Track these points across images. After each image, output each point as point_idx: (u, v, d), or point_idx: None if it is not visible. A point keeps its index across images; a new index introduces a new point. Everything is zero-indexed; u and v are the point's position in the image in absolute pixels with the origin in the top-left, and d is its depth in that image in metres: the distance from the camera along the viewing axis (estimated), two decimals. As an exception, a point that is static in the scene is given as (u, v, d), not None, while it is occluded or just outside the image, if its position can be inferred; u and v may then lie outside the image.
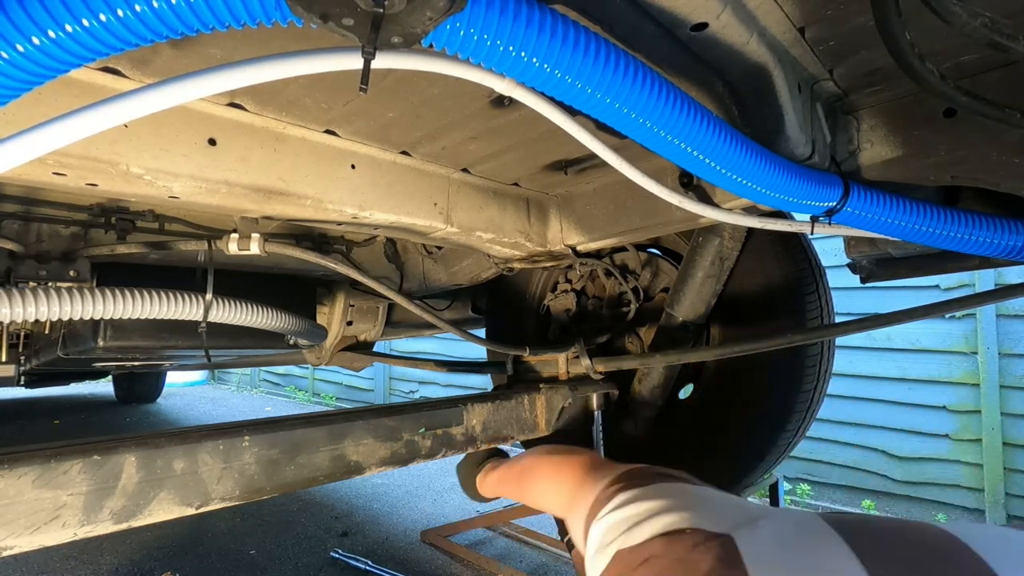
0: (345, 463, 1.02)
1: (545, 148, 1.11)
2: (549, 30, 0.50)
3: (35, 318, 0.97)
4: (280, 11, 0.43)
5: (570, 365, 1.61)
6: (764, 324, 1.58)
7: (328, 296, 1.95)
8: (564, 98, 0.57)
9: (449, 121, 0.97)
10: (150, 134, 0.82)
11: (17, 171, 0.76)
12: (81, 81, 0.75)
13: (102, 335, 1.38)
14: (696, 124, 0.64)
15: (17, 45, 0.40)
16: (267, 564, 2.70)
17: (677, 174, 1.08)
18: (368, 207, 1.06)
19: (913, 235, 0.93)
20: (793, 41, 0.78)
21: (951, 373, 3.56)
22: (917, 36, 0.59)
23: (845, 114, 0.96)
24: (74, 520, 0.74)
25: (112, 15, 0.40)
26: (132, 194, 0.88)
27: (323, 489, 3.80)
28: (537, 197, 1.39)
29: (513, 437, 1.33)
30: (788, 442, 1.68)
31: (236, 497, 0.89)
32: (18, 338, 1.71)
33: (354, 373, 5.73)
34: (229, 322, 1.26)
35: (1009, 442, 3.35)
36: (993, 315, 3.42)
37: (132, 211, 1.23)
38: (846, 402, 3.89)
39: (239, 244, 1.09)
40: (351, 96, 0.87)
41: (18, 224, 1.16)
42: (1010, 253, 0.93)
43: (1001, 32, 0.53)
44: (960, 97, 0.65)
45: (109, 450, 0.77)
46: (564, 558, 2.77)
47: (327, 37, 0.48)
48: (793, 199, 0.82)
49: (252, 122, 0.92)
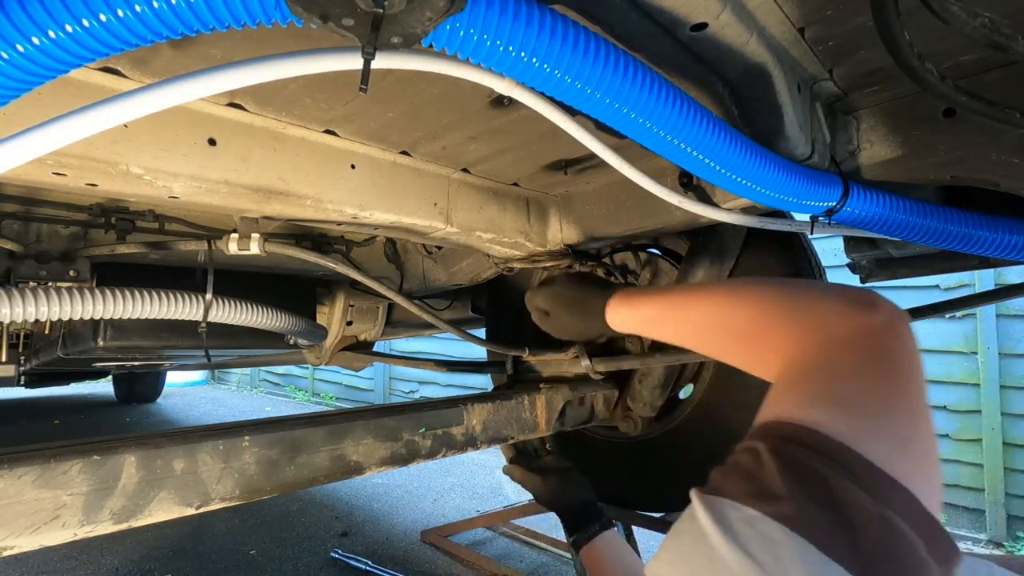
0: (345, 463, 1.02)
1: (545, 148, 1.11)
2: (549, 30, 0.50)
3: (35, 318, 0.97)
4: (280, 11, 0.43)
5: (570, 365, 1.61)
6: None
7: (328, 296, 1.95)
8: (564, 98, 0.57)
9: (449, 121, 0.97)
10: (150, 134, 0.82)
11: (17, 171, 0.76)
12: (81, 81, 0.75)
13: (102, 335, 1.38)
14: (696, 124, 0.64)
15: (17, 45, 0.40)
16: (267, 564, 2.70)
17: (677, 174, 1.08)
18: (368, 207, 1.06)
19: (913, 235, 0.93)
20: (793, 41, 0.78)
21: (951, 373, 3.56)
22: (916, 36, 0.59)
23: (845, 114, 0.96)
24: (74, 520, 0.74)
25: (112, 15, 0.40)
26: (132, 194, 0.88)
27: (323, 489, 3.80)
28: (537, 197, 1.39)
29: (513, 437, 1.33)
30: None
31: (236, 497, 0.89)
32: (18, 338, 1.71)
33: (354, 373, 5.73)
34: (229, 322, 1.26)
35: (1009, 442, 3.35)
36: (993, 315, 3.42)
37: (132, 211, 1.23)
38: (846, 402, 3.89)
39: (239, 244, 1.09)
40: (351, 96, 0.87)
41: (18, 224, 1.16)
42: (1010, 253, 0.93)
43: (1001, 32, 0.53)
44: (959, 97, 0.65)
45: (109, 450, 0.77)
46: (564, 558, 2.77)
47: (327, 37, 0.48)
48: (793, 199, 0.83)
49: (252, 122, 0.92)
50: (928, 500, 0.39)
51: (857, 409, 0.44)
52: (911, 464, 0.41)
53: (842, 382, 0.48)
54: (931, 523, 0.38)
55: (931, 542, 0.37)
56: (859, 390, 0.46)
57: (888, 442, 0.42)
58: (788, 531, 0.36)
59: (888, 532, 0.36)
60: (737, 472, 0.42)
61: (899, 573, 0.35)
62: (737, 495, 0.40)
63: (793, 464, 0.40)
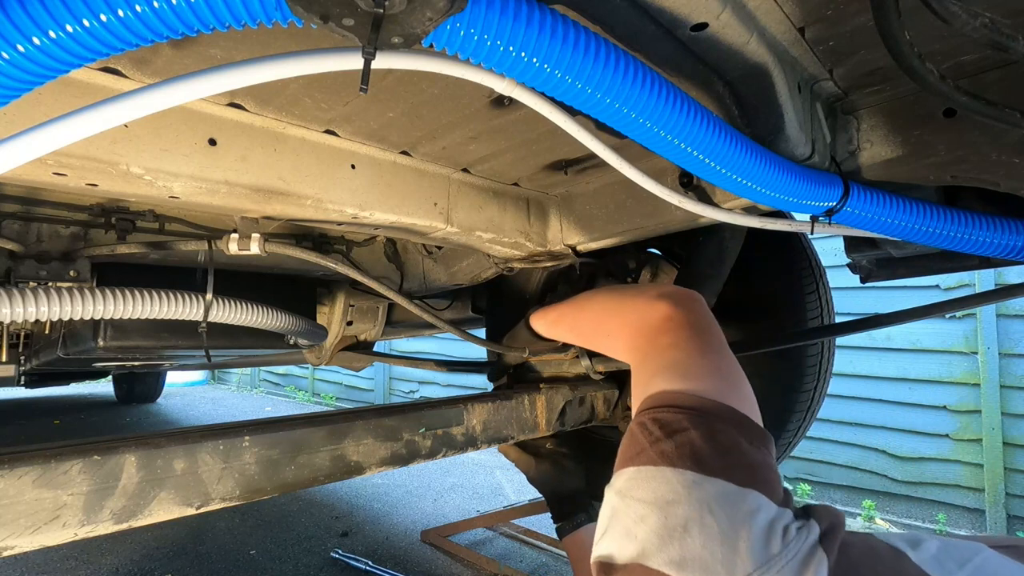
0: (345, 463, 1.02)
1: (545, 148, 1.11)
2: (549, 30, 0.50)
3: (35, 318, 0.97)
4: (280, 11, 0.43)
5: (570, 365, 1.61)
6: (764, 324, 1.58)
7: (328, 296, 1.95)
8: (564, 98, 0.57)
9: (449, 121, 0.97)
10: (150, 134, 0.82)
11: (17, 171, 0.76)
12: (81, 81, 0.75)
13: (102, 335, 1.38)
14: (696, 124, 0.64)
15: (17, 45, 0.40)
16: (267, 564, 2.70)
17: (677, 174, 1.08)
18: (368, 207, 1.06)
19: (913, 235, 0.93)
20: (793, 41, 0.78)
21: (951, 373, 3.56)
22: (917, 36, 0.59)
23: (845, 114, 0.96)
24: (74, 520, 0.74)
25: (112, 15, 0.40)
26: (132, 194, 0.88)
27: (323, 489, 3.80)
28: (537, 197, 1.39)
29: (514, 437, 1.33)
30: (788, 442, 1.68)
31: (236, 497, 0.89)
32: (18, 338, 1.71)
33: (354, 373, 5.73)
34: (229, 322, 1.26)
35: (1009, 442, 3.35)
36: (993, 315, 3.42)
37: (132, 211, 1.23)
38: (846, 402, 3.89)
39: (239, 244, 1.09)
40: (351, 96, 0.87)
41: (18, 224, 1.16)
42: (1010, 253, 0.93)
43: (1001, 32, 0.53)
44: (960, 97, 0.65)
45: (109, 450, 0.77)
46: (564, 558, 2.77)
47: (327, 37, 0.48)
48: (793, 199, 0.83)
49: (252, 122, 0.92)
50: (742, 407, 0.57)
51: (680, 366, 0.63)
52: (724, 385, 0.59)
53: (664, 354, 0.67)
54: (746, 422, 0.55)
55: (748, 435, 0.54)
56: (676, 354, 0.66)
57: (703, 378, 0.60)
58: (654, 468, 0.51)
59: (717, 435, 0.52)
60: (622, 450, 0.59)
61: (730, 458, 0.50)
62: (620, 466, 0.56)
63: (652, 421, 0.57)
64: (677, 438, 0.52)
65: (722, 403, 0.56)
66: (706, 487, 0.47)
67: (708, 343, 0.68)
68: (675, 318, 0.72)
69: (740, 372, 0.64)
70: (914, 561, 0.48)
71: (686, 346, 0.67)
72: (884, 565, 0.48)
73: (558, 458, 1.38)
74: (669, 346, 0.68)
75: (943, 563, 0.48)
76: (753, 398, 0.61)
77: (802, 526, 0.46)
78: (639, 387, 0.65)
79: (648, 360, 0.68)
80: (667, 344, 0.69)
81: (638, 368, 0.69)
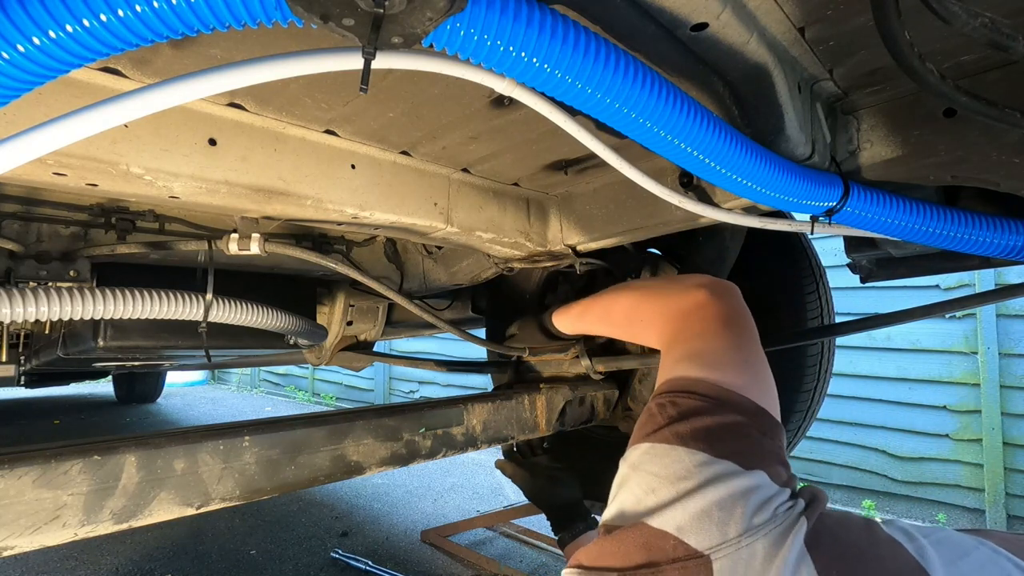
0: (345, 463, 1.02)
1: (545, 148, 1.11)
2: (549, 30, 0.50)
3: (35, 318, 0.97)
4: (280, 11, 0.43)
5: (570, 365, 1.61)
6: (764, 324, 1.57)
7: (328, 296, 1.95)
8: (564, 98, 0.57)
9: (449, 121, 0.97)
10: (150, 134, 0.82)
11: (17, 171, 0.76)
12: (81, 81, 0.75)
13: (102, 335, 1.38)
14: (696, 124, 0.64)
15: (17, 45, 0.40)
16: (267, 564, 2.70)
17: (677, 174, 1.08)
18: (368, 207, 1.06)
19: (913, 235, 0.93)
20: (793, 41, 0.78)
21: (951, 373, 3.56)
22: (917, 36, 0.59)
23: (845, 114, 0.96)
24: (74, 520, 0.74)
25: (112, 15, 0.40)
26: (132, 194, 0.88)
27: (323, 489, 3.80)
28: (537, 197, 1.39)
29: (514, 437, 1.33)
30: (788, 442, 1.68)
31: (236, 497, 0.89)
32: (18, 338, 1.71)
33: (354, 373, 5.73)
34: (229, 322, 1.26)
35: (1009, 442, 3.35)
36: (993, 315, 3.42)
37: (132, 211, 1.23)
38: (846, 402, 3.89)
39: (239, 244, 1.09)
40: (351, 96, 0.87)
41: (18, 224, 1.16)
42: (1010, 253, 0.93)
43: (1001, 32, 0.53)
44: (960, 97, 0.65)
45: (109, 450, 0.77)
46: (564, 559, 2.77)
47: (327, 37, 0.48)
48: (793, 199, 0.83)
49: (252, 122, 0.92)
50: (761, 399, 0.60)
51: (706, 355, 0.66)
52: (746, 377, 0.62)
53: (693, 341, 0.70)
54: (760, 413, 0.59)
55: (760, 426, 0.57)
56: (703, 342, 0.69)
57: (726, 369, 0.62)
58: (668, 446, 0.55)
59: (730, 423, 0.56)
60: (639, 425, 0.62)
61: (739, 444, 0.54)
62: (636, 441, 0.59)
63: (671, 403, 0.59)
64: (693, 421, 0.56)
65: (741, 395, 0.59)
66: (715, 467, 0.52)
67: (738, 335, 0.70)
68: (709, 307, 0.75)
69: (764, 365, 0.66)
70: (884, 529, 0.53)
71: (715, 336, 0.70)
72: (855, 530, 0.52)
73: (553, 472, 1.40)
74: (699, 334, 0.71)
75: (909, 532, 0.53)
76: (774, 392, 0.64)
77: (792, 505, 0.52)
78: (665, 368, 0.68)
79: (676, 344, 0.72)
80: (697, 332, 0.72)
81: (667, 350, 0.72)
